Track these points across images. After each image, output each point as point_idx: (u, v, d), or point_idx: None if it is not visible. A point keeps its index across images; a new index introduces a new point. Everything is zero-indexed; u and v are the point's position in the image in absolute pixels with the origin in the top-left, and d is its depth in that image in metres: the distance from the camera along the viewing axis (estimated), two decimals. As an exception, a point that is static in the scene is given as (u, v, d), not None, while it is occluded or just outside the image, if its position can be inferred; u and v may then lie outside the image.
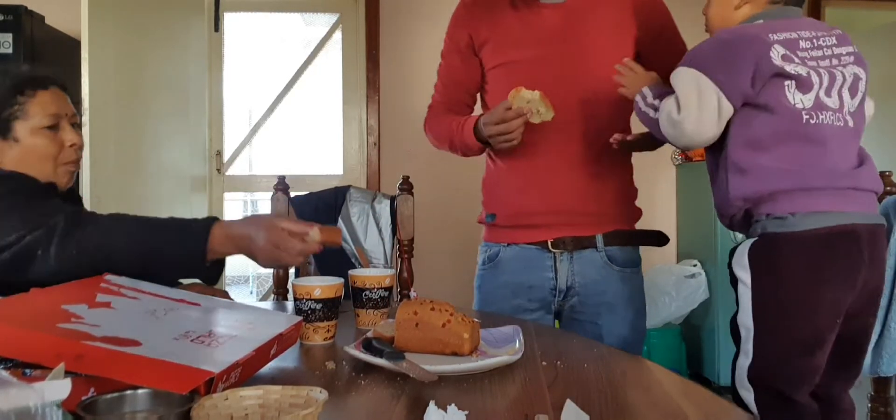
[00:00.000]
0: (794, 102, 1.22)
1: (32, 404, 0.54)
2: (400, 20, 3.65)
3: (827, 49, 1.27)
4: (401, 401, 0.90)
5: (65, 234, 1.12)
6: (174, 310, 1.02)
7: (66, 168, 1.33)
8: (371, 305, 1.32)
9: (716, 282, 3.35)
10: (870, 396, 1.58)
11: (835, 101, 1.25)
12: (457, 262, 3.67)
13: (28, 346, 0.80)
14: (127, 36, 2.99)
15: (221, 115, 3.75)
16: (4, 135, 1.27)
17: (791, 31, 1.26)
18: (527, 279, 1.56)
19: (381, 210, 2.07)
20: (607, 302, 1.55)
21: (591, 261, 1.54)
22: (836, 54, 1.28)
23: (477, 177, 1.74)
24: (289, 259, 1.18)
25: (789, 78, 1.22)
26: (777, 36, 1.24)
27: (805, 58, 1.24)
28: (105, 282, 1.07)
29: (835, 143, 1.23)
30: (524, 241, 1.57)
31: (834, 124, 1.24)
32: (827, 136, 1.23)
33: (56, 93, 1.33)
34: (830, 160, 1.23)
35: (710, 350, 3.39)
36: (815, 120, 1.22)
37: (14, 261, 1.11)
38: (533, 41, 1.52)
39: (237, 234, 1.17)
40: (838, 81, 1.26)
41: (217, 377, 0.80)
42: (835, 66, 1.26)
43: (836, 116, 1.24)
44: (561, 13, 1.51)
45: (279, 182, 2.03)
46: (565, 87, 1.49)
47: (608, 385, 0.98)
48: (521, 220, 1.57)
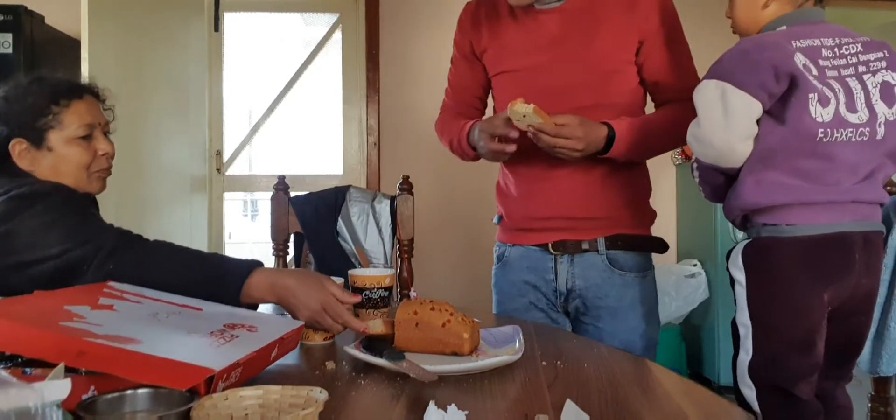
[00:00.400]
0: (815, 117, 1.18)
1: (32, 404, 0.54)
2: (400, 20, 3.65)
3: (852, 57, 1.23)
4: (401, 401, 0.90)
5: (108, 255, 1.13)
6: (176, 314, 1.02)
7: (98, 175, 1.34)
8: (371, 305, 1.32)
9: (716, 282, 3.35)
10: (870, 396, 1.58)
11: (861, 116, 1.20)
12: (457, 261, 3.68)
13: (30, 342, 0.80)
14: (127, 36, 2.99)
15: (221, 115, 3.75)
16: (38, 144, 1.27)
17: (813, 39, 1.23)
18: (532, 278, 1.59)
19: (381, 210, 2.07)
20: (609, 306, 1.53)
21: (593, 264, 1.53)
22: (863, 61, 1.23)
23: (477, 177, 1.75)
24: (330, 325, 1.16)
25: (812, 90, 1.18)
26: (799, 43, 1.22)
27: (826, 67, 1.21)
28: (108, 287, 1.07)
29: (845, 158, 1.21)
30: (528, 243, 1.59)
31: (851, 140, 1.20)
32: (837, 153, 1.20)
33: (90, 102, 1.33)
34: (835, 176, 1.22)
35: (710, 350, 3.39)
36: (829, 137, 1.18)
37: (55, 274, 1.11)
38: (532, 48, 1.51)
39: (281, 285, 1.15)
40: (863, 92, 1.21)
41: (217, 376, 0.80)
42: (862, 73, 1.22)
43: (857, 132, 1.19)
44: (558, 19, 1.50)
45: (279, 182, 2.03)
46: (565, 92, 1.48)
47: (608, 385, 0.98)
48: (524, 224, 1.59)
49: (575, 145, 1.39)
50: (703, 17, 1.44)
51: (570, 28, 1.49)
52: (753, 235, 1.28)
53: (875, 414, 1.57)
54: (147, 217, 3.14)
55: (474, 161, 1.64)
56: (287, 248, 2.01)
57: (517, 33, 1.53)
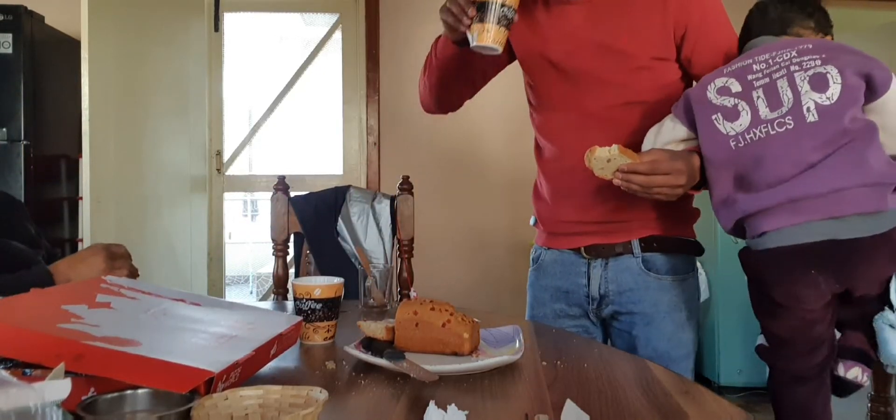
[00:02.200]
0: (724, 132, 1.24)
1: (32, 404, 0.54)
2: (400, 20, 3.65)
3: (784, 61, 1.24)
4: (401, 401, 0.90)
5: None
6: (174, 309, 1.02)
7: None
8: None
9: (716, 282, 3.35)
10: (870, 396, 1.58)
11: (783, 106, 1.19)
12: (457, 261, 3.68)
13: (28, 346, 0.80)
14: (127, 36, 2.99)
15: (221, 115, 3.75)
16: None
17: (747, 60, 1.28)
18: (564, 284, 1.53)
19: (381, 210, 2.06)
20: (643, 312, 1.45)
21: (627, 267, 1.45)
22: (797, 62, 1.23)
23: (477, 177, 1.74)
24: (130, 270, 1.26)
25: (715, 111, 1.25)
26: (729, 68, 1.29)
27: (754, 80, 1.25)
28: (105, 282, 1.07)
29: (774, 153, 1.19)
30: (561, 247, 1.53)
31: (769, 133, 1.20)
32: (762, 151, 1.20)
33: None
34: (776, 173, 1.19)
35: (711, 350, 3.39)
36: (745, 142, 1.22)
37: None
38: (559, 37, 1.44)
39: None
40: (791, 87, 1.20)
41: (217, 377, 0.80)
42: (794, 72, 1.22)
43: (776, 123, 1.19)
44: (585, 11, 1.42)
45: (279, 182, 2.03)
46: (590, 89, 1.42)
47: (608, 385, 0.98)
48: (556, 228, 1.54)
49: (676, 181, 1.26)
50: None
51: (595, 21, 1.41)
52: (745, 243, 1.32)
53: (875, 414, 1.57)
54: (147, 217, 3.14)
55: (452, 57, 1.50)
56: (287, 248, 2.01)
57: (547, 20, 1.46)
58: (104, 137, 2.82)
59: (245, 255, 7.56)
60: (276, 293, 1.99)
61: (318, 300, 1.21)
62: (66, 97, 3.14)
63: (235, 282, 7.30)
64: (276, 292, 1.99)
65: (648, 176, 1.25)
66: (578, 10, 1.43)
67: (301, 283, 1.22)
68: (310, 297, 1.21)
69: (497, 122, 3.61)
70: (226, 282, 3.93)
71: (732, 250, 1.46)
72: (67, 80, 3.11)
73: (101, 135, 2.80)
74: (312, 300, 1.21)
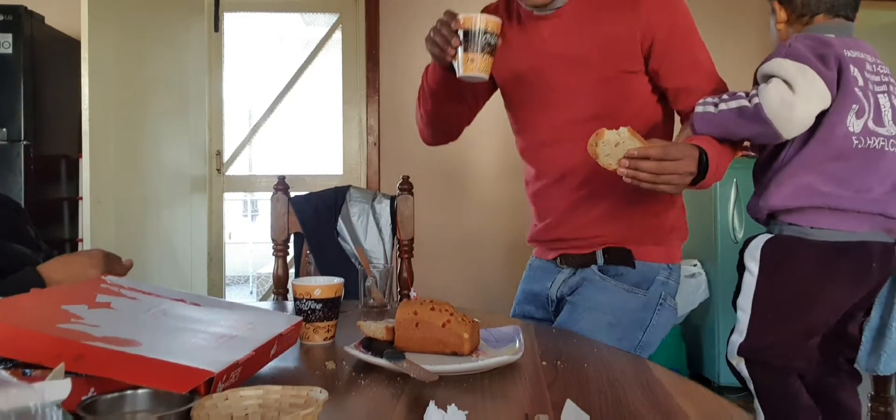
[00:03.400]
0: (849, 127, 1.26)
1: (32, 404, 0.54)
2: (400, 20, 3.65)
3: (885, 75, 1.32)
4: (401, 401, 0.90)
5: None
6: (174, 309, 1.02)
7: None
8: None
9: (716, 282, 3.35)
10: (870, 396, 1.58)
11: (889, 129, 1.29)
12: (457, 261, 3.68)
13: (28, 346, 0.80)
14: (127, 36, 2.99)
15: (221, 115, 3.75)
16: None
17: (859, 52, 1.31)
18: (534, 287, 1.62)
19: (381, 210, 2.06)
20: (574, 302, 1.47)
21: (587, 276, 1.51)
22: (890, 81, 1.33)
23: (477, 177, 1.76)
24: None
25: (855, 101, 1.27)
26: (850, 53, 1.30)
27: (868, 81, 1.29)
28: (105, 282, 1.07)
29: (877, 165, 1.28)
30: (546, 258, 1.62)
31: (883, 149, 1.28)
32: (870, 158, 1.27)
33: None
34: (867, 181, 1.27)
35: (710, 350, 3.39)
36: (863, 144, 1.27)
37: None
38: (530, 54, 1.47)
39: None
40: (891, 108, 1.30)
41: (217, 377, 0.80)
42: (892, 92, 1.31)
43: (889, 142, 1.29)
44: (554, 25, 1.43)
45: (279, 182, 2.03)
46: (561, 103, 1.45)
47: (608, 385, 0.98)
48: (537, 236, 1.63)
49: (687, 167, 1.21)
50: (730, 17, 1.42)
51: (565, 34, 1.43)
52: (776, 232, 1.34)
53: (875, 414, 1.57)
54: (147, 217, 3.14)
55: (439, 85, 1.55)
56: (287, 248, 2.01)
57: (519, 37, 1.49)
58: (104, 137, 2.82)
59: (245, 256, 7.56)
60: (276, 293, 1.99)
61: (318, 300, 1.21)
62: (66, 97, 3.14)
63: (235, 282, 7.30)
64: (276, 292, 1.99)
65: (660, 161, 1.18)
66: (548, 24, 1.45)
67: (301, 284, 1.22)
68: (310, 297, 1.21)
69: (497, 122, 3.60)
70: (226, 282, 3.93)
71: (733, 251, 1.47)
72: (67, 80, 3.11)
73: (101, 135, 2.80)
74: (312, 300, 1.20)
